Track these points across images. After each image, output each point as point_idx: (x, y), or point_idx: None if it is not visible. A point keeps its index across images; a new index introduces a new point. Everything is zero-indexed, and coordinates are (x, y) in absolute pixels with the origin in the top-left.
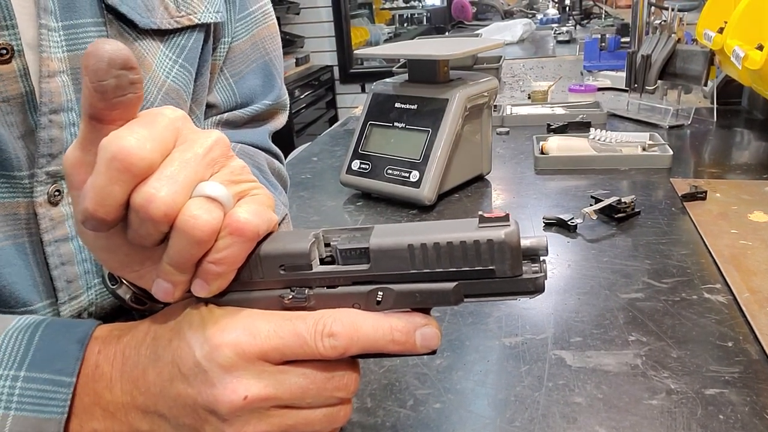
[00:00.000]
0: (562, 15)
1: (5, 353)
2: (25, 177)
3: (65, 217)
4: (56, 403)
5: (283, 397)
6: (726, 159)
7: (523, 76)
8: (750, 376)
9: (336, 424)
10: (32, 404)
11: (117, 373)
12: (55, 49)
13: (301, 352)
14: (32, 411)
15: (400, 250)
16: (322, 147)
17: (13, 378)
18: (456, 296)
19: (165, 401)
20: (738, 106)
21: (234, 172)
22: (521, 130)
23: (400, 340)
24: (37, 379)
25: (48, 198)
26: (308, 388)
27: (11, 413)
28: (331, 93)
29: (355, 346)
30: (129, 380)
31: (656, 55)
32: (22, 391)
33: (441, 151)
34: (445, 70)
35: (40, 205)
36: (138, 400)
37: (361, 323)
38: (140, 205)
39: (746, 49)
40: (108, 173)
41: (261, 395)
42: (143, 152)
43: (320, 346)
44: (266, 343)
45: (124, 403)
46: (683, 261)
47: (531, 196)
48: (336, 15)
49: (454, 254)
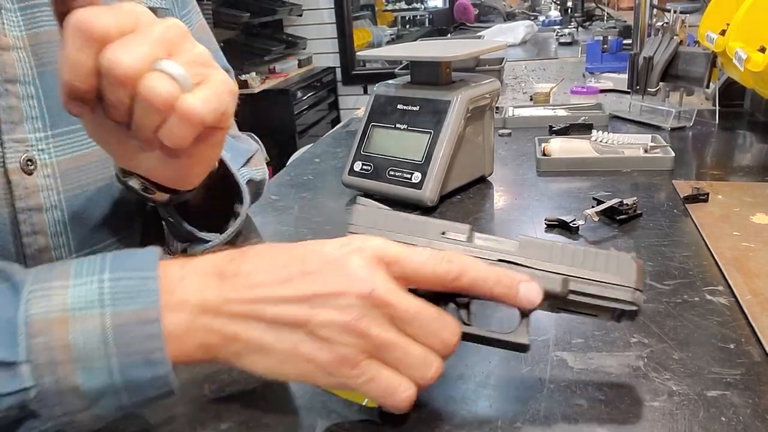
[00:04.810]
0: (564, 17)
1: (83, 267)
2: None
3: (39, 188)
4: (148, 294)
5: (399, 309)
6: (728, 161)
7: (525, 78)
8: (752, 378)
9: (427, 370)
10: (126, 299)
11: (203, 276)
12: (12, 28)
13: (421, 269)
14: (128, 304)
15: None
16: (325, 148)
17: (99, 281)
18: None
19: (270, 299)
20: (740, 108)
21: (195, 57)
22: (523, 132)
23: (506, 283)
24: (123, 278)
25: (21, 167)
26: (420, 313)
27: (107, 310)
28: (333, 94)
29: (465, 276)
30: (225, 287)
31: (658, 57)
32: (112, 289)
33: (443, 153)
34: (447, 72)
35: (13, 172)
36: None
37: (474, 263)
38: (107, 68)
39: (748, 51)
40: (73, 41)
41: (384, 296)
42: (100, 19)
43: (438, 266)
44: (398, 254)
45: (218, 301)
46: (685, 263)
47: (533, 197)
48: (338, 17)
49: None
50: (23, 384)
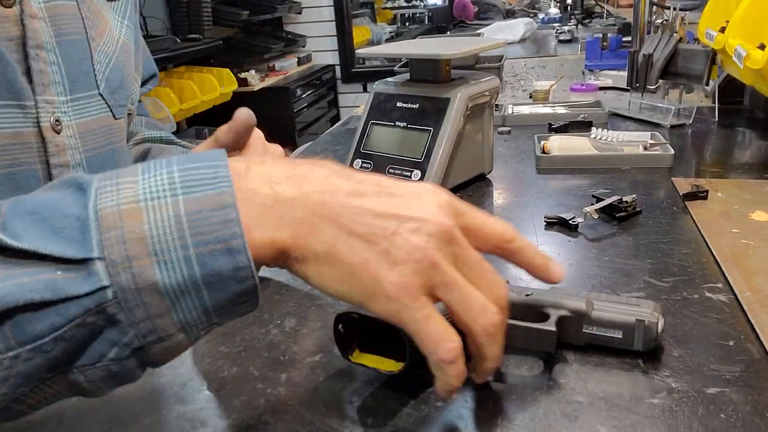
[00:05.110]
0: (563, 14)
1: (150, 166)
2: (32, 107)
3: (66, 146)
4: (220, 180)
5: (468, 252)
6: (727, 158)
7: (524, 76)
8: (751, 375)
9: (486, 317)
10: (197, 185)
11: (272, 172)
12: (35, 2)
13: (483, 225)
14: (201, 190)
15: None
16: (324, 146)
17: (168, 173)
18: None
19: (349, 206)
20: (740, 105)
21: None
22: (523, 130)
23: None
24: (191, 168)
25: (51, 126)
26: (482, 262)
27: (180, 197)
28: (332, 92)
29: (517, 241)
30: (297, 182)
31: (658, 54)
32: (182, 178)
33: (443, 150)
34: (446, 70)
35: (46, 130)
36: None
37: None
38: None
39: (748, 49)
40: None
41: (459, 236)
42: None
43: (497, 225)
44: (464, 208)
45: (293, 194)
46: (684, 260)
47: (532, 195)
48: (338, 14)
49: None
50: (100, 282)
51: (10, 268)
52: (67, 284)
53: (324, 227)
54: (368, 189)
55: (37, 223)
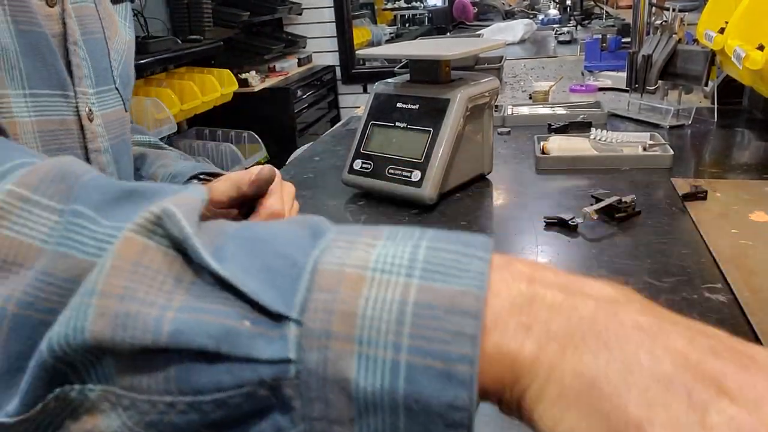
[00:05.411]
0: (563, 15)
1: (398, 232)
2: (72, 97)
3: (97, 134)
4: (471, 275)
5: None
6: (726, 159)
7: (524, 77)
8: None
9: None
10: (440, 273)
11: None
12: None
13: None
14: (442, 281)
15: None
16: (324, 147)
17: (414, 246)
18: None
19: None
20: (739, 106)
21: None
22: (522, 130)
23: None
24: (442, 249)
25: (87, 114)
26: None
27: (414, 281)
28: (333, 93)
29: None
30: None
31: (657, 55)
32: (427, 257)
33: (442, 151)
34: (446, 71)
35: (84, 118)
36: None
37: None
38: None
39: (747, 50)
40: None
41: None
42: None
43: None
44: None
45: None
46: (684, 260)
47: (532, 195)
48: (338, 16)
49: None
50: (285, 352)
51: (200, 297)
52: (250, 341)
53: (600, 351)
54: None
55: (250, 254)
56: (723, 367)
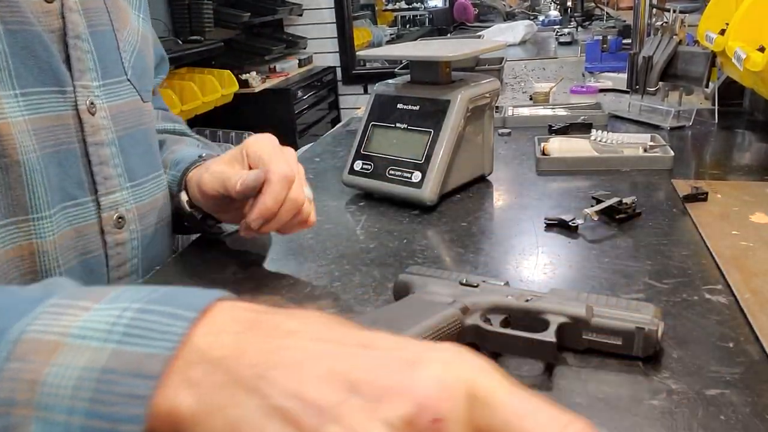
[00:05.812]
0: (563, 16)
1: (129, 292)
2: (71, 91)
3: (100, 126)
4: (168, 337)
5: None
6: (727, 160)
7: (524, 78)
8: (751, 376)
9: None
10: (138, 336)
11: (244, 320)
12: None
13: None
14: (135, 344)
15: None
16: (325, 147)
17: (124, 309)
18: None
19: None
20: (739, 107)
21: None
22: (523, 131)
23: None
24: (151, 311)
25: (87, 108)
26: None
27: (109, 346)
28: (333, 94)
29: None
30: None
31: (657, 56)
32: (131, 321)
33: (443, 152)
34: (447, 72)
35: (83, 112)
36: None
37: None
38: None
39: (748, 51)
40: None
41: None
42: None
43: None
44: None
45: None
46: (684, 262)
47: (532, 196)
48: (338, 16)
49: None
50: None
51: None
52: None
53: (240, 398)
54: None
55: None
56: None
